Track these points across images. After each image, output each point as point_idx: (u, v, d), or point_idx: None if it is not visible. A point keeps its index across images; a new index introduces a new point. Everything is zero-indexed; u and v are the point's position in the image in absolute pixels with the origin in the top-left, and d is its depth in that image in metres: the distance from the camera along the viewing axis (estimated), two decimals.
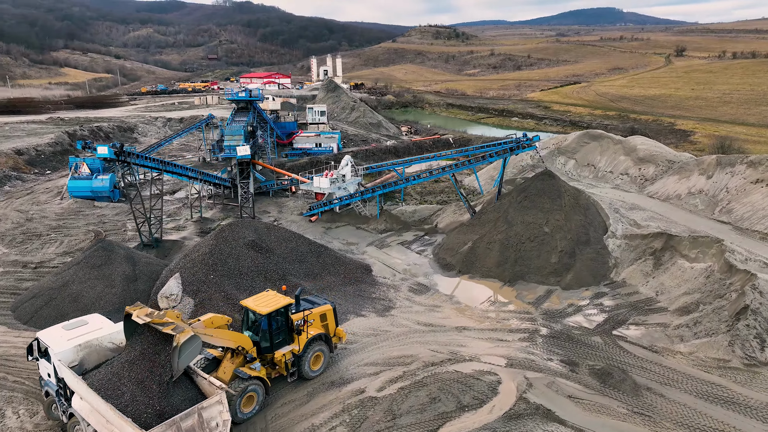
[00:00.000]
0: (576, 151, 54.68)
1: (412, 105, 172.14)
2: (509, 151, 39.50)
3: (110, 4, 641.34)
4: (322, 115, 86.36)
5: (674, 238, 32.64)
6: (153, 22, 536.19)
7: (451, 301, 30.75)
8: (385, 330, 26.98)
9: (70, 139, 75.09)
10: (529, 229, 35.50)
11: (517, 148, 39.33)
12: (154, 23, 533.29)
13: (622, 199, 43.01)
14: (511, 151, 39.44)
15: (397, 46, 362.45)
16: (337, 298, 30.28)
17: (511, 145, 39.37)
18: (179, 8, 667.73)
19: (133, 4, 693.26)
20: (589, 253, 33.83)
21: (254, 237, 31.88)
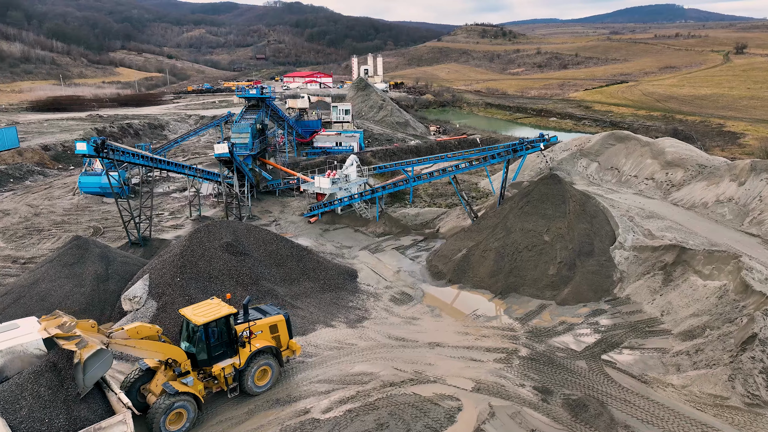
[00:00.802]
0: (600, 154, 51.01)
1: (451, 104, 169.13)
2: (512, 153, 36.77)
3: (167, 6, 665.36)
4: (346, 114, 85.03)
5: (687, 252, 29.27)
6: (206, 23, 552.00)
7: (431, 314, 28.54)
8: (350, 343, 25.11)
9: (98, 135, 76.53)
10: (527, 237, 32.79)
11: (519, 150, 36.57)
12: (207, 24, 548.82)
13: (642, 206, 39.45)
14: (514, 152, 36.71)
15: (442, 45, 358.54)
16: (310, 305, 28.67)
17: (514, 147, 36.62)
18: (231, 9, 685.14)
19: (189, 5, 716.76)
20: (592, 265, 30.84)
21: (231, 239, 30.59)
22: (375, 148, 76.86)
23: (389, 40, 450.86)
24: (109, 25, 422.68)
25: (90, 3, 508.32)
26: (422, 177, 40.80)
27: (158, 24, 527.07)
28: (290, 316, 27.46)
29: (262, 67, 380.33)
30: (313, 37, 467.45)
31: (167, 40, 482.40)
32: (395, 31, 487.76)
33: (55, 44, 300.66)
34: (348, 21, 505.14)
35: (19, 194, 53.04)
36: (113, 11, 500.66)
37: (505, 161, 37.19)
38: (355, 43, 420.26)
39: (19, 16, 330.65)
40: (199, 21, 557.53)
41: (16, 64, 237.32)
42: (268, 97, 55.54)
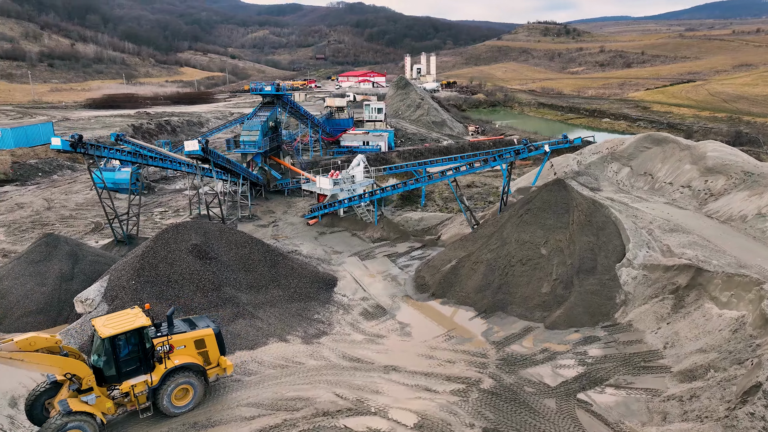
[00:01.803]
0: (633, 157, 46.07)
1: (502, 104, 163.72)
2: (513, 155, 33.25)
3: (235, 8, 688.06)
4: (379, 113, 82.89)
5: (704, 274, 25.03)
6: (270, 24, 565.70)
7: (400, 332, 25.78)
8: (298, 362, 22.82)
9: (134, 132, 78.18)
10: (522, 249, 29.33)
11: (522, 152, 32.99)
12: (271, 25, 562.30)
13: (670, 217, 34.80)
14: (516, 154, 33.18)
15: (501, 44, 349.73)
16: (271, 316, 26.61)
17: (516, 149, 33.08)
18: (296, 10, 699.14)
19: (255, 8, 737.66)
20: (592, 284, 27.05)
21: (200, 241, 29.02)
22: (404, 147, 74.25)
23: (448, 39, 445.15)
24: (179, 27, 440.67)
25: (164, 6, 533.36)
26: (421, 180, 37.84)
27: (225, 25, 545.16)
28: (249, 327, 25.74)
29: (320, 66, 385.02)
30: (373, 36, 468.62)
31: (232, 40, 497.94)
32: (455, 30, 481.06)
33: (126, 45, 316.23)
34: (408, 20, 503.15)
35: (42, 188, 54.26)
36: (184, 14, 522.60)
37: (507, 164, 33.71)
38: (414, 42, 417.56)
39: (97, 20, 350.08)
40: (264, 22, 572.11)
41: (89, 64, 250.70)
42: (284, 93, 54.09)
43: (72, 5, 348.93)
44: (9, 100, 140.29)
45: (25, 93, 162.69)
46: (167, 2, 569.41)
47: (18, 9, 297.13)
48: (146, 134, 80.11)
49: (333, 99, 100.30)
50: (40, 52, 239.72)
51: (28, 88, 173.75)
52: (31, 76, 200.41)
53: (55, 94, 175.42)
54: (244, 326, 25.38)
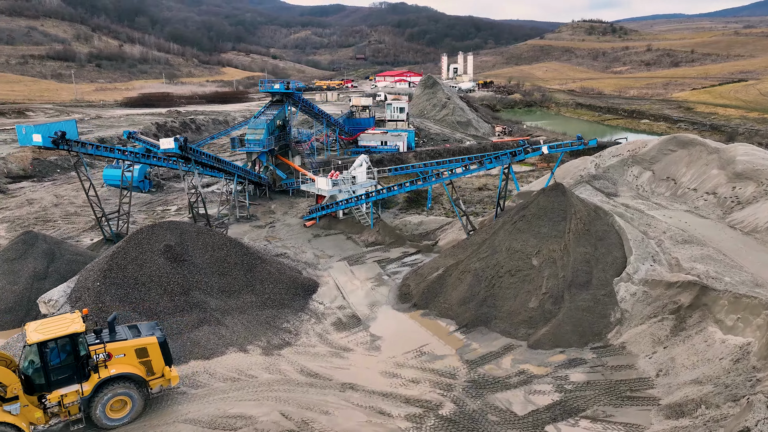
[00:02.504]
0: (656, 161, 42.69)
1: (539, 104, 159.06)
2: (509, 157, 30.91)
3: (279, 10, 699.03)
4: (401, 112, 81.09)
5: (709, 294, 22.27)
6: (312, 25, 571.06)
7: (369, 345, 24.02)
8: (252, 375, 21.40)
9: (157, 130, 79.04)
10: (513, 259, 27.08)
11: (519, 154, 30.62)
12: (314, 26, 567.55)
13: (687, 226, 31.70)
14: (512, 156, 30.85)
15: (543, 43, 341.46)
16: (238, 323, 25.33)
17: (513, 151, 30.73)
18: (338, 11, 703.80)
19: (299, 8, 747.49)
20: (585, 300, 24.58)
21: (174, 242, 28.04)
22: (425, 148, 72.23)
23: (490, 39, 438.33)
24: (223, 28, 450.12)
25: (210, 8, 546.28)
26: (417, 182, 35.87)
27: (269, 26, 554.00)
28: (212, 334, 24.53)
29: (359, 66, 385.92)
30: (413, 36, 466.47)
31: (275, 41, 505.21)
32: (497, 30, 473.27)
33: (171, 46, 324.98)
34: (449, 20, 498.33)
35: (57, 184, 55.01)
36: (230, 15, 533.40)
37: (502, 167, 31.39)
38: (454, 42, 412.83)
39: (145, 22, 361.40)
40: (307, 23, 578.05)
41: (134, 64, 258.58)
42: (293, 92, 53.03)
43: (122, 8, 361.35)
44: (54, 99, 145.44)
45: (70, 92, 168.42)
46: (214, 4, 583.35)
47: (72, 12, 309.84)
48: (169, 132, 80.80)
49: (358, 98, 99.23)
50: (89, 53, 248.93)
51: (75, 88, 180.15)
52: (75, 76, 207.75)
53: (99, 93, 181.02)
54: (206, 333, 24.19)
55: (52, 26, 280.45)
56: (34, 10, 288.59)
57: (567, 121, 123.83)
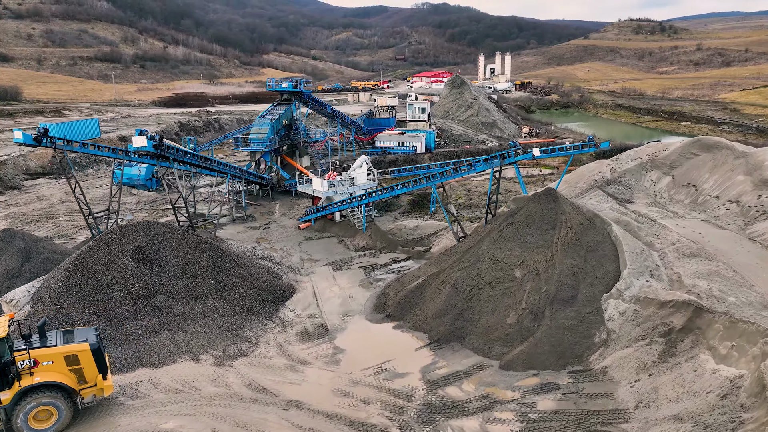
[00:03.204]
0: (676, 165, 39.43)
1: (576, 106, 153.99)
2: (498, 159, 28.73)
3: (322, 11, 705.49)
4: (422, 112, 79.22)
5: (704, 316, 19.72)
6: (354, 26, 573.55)
7: (330, 359, 22.46)
8: (195, 387, 20.20)
9: (179, 129, 79.76)
10: (495, 269, 25.01)
11: (508, 156, 28.39)
12: (355, 27, 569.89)
13: (699, 238, 28.77)
14: (501, 159, 28.65)
15: (587, 43, 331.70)
16: (199, 330, 24.25)
17: (502, 153, 28.55)
18: (380, 12, 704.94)
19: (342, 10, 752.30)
20: (567, 317, 22.31)
21: (146, 242, 27.25)
22: (445, 149, 70.11)
23: (532, 39, 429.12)
24: (266, 30, 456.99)
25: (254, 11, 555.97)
26: (407, 185, 34.02)
27: (311, 28, 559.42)
28: (168, 341, 23.52)
29: (398, 67, 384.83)
30: (454, 37, 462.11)
31: (317, 42, 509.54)
32: (540, 30, 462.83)
33: (214, 47, 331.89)
34: (491, 20, 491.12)
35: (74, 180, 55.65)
36: (273, 17, 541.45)
37: (496, 170, 29.22)
38: (496, 42, 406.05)
39: (190, 24, 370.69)
40: (348, 24, 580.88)
41: (177, 65, 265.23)
42: (301, 91, 52.05)
43: (169, 11, 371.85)
44: (96, 99, 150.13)
45: (113, 92, 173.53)
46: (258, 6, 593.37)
47: (121, 15, 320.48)
48: (192, 131, 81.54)
49: (384, 98, 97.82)
50: (134, 54, 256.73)
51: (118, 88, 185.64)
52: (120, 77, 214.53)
53: (140, 93, 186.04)
54: (163, 340, 23.20)
55: (101, 29, 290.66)
56: (86, 14, 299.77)
57: (603, 123, 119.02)
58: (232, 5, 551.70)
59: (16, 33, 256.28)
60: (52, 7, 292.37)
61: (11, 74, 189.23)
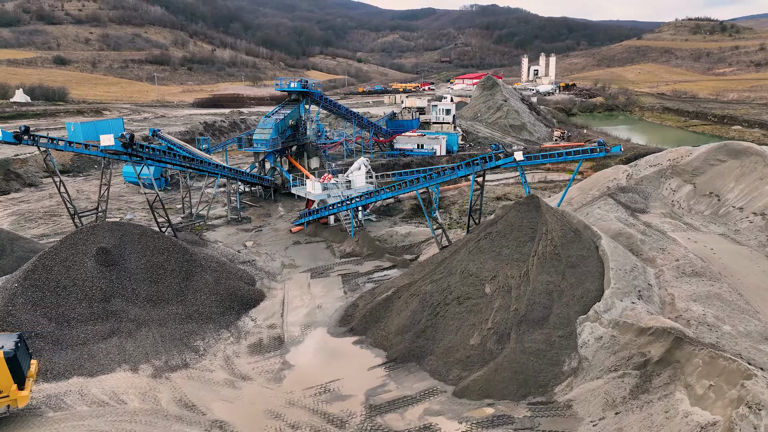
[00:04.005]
0: (699, 172, 35.81)
1: (621, 108, 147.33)
2: (480, 164, 26.40)
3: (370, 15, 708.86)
4: (447, 114, 76.80)
5: (684, 348, 17.03)
6: (401, 29, 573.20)
7: (274, 375, 20.90)
8: (123, 400, 19.06)
9: (204, 129, 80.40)
10: (465, 284, 22.84)
11: (491, 160, 26.01)
12: (402, 29, 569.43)
13: (710, 254, 25.61)
14: (483, 162, 26.31)
15: (640, 44, 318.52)
16: (149, 337, 23.19)
17: (484, 157, 26.20)
18: (428, 15, 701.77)
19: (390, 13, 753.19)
20: (535, 340, 19.93)
21: (112, 244, 26.52)
22: (467, 152, 67.52)
23: (583, 40, 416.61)
24: (313, 33, 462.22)
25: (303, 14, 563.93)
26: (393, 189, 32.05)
27: (358, 30, 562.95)
28: (114, 347, 22.57)
29: (443, 69, 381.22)
30: (501, 38, 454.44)
31: (363, 45, 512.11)
32: (591, 31, 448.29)
33: (261, 50, 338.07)
34: (540, 21, 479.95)
35: (89, 179, 56.62)
36: (321, 20, 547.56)
37: (474, 175, 26.92)
38: (544, 43, 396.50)
39: (238, 27, 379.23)
40: (396, 27, 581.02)
41: (223, 67, 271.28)
42: (309, 91, 50.86)
43: (219, 15, 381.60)
44: (140, 99, 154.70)
45: (160, 93, 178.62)
46: (307, 10, 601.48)
47: (173, 19, 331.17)
48: (217, 131, 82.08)
49: (413, 99, 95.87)
50: (183, 57, 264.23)
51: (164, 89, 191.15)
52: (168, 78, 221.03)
53: (183, 94, 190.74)
54: (109, 346, 22.27)
55: (154, 33, 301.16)
56: (140, 19, 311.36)
57: (647, 127, 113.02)
58: (281, 9, 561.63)
59: (75, 37, 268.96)
60: (109, 12, 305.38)
61: (66, 76, 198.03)
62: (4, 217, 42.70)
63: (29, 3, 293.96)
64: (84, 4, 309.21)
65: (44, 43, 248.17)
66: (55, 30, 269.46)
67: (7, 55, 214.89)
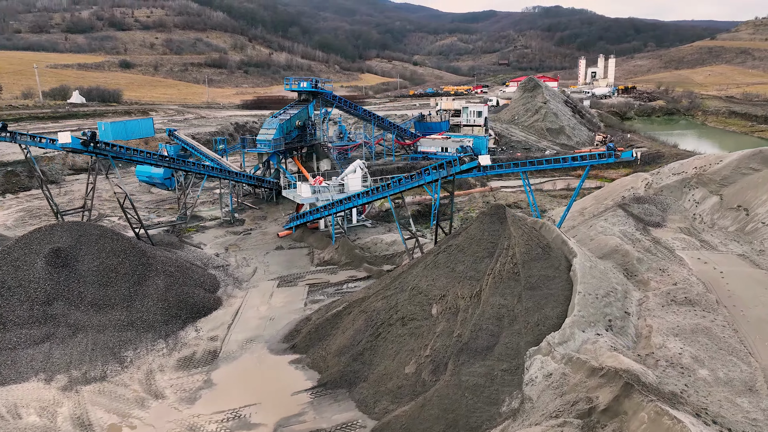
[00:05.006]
0: (728, 183, 31.27)
1: (683, 112, 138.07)
2: (443, 169, 23.60)
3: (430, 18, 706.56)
4: (478, 116, 73.43)
5: (633, 398, 13.84)
6: (460, 32, 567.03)
7: (191, 395, 19.10)
8: (18, 415, 17.97)
9: (234, 129, 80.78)
10: (412, 302, 20.28)
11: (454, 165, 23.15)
12: (461, 32, 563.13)
13: (717, 278, 21.77)
14: (448, 166, 23.50)
15: (713, 44, 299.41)
16: (84, 343, 22.11)
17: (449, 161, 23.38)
18: (489, 17, 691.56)
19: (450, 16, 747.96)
20: (474, 374, 17.12)
21: (67, 244, 25.73)
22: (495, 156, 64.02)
23: (651, 41, 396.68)
24: (370, 36, 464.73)
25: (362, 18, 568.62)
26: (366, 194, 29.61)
27: (416, 34, 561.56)
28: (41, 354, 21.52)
29: (500, 72, 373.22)
30: (563, 40, 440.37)
31: (421, 48, 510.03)
32: (660, 31, 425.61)
33: (317, 54, 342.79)
34: (605, 22, 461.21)
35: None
36: (380, 24, 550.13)
37: (438, 182, 24.14)
38: (609, 45, 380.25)
39: (296, 32, 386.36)
40: (454, 29, 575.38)
41: (278, 71, 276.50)
42: (320, 91, 49.29)
43: (278, 20, 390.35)
44: (192, 101, 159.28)
45: (212, 95, 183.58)
46: (366, 14, 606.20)
47: (234, 24, 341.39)
48: (248, 132, 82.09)
49: (450, 101, 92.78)
50: (240, 60, 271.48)
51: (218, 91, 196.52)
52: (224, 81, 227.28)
53: (236, 96, 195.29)
54: (36, 352, 21.29)
55: (215, 37, 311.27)
56: (203, 24, 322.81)
57: (708, 132, 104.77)
58: (341, 14, 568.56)
59: (141, 42, 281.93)
60: (174, 18, 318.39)
61: (129, 78, 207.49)
62: (12, 214, 43.54)
63: (103, 11, 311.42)
64: (152, 10, 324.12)
65: (113, 48, 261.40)
66: (123, 36, 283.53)
67: (78, 60, 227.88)
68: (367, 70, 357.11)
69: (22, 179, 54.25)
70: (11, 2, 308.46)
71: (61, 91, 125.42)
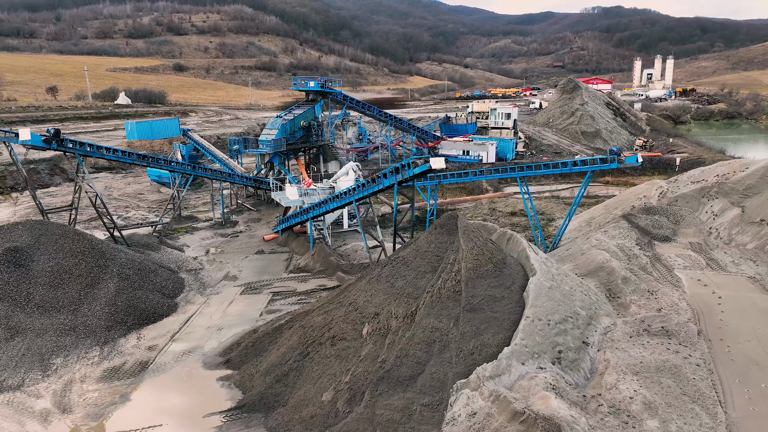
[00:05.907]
0: (752, 193, 27.28)
1: (746, 116, 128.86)
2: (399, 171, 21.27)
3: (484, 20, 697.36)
4: (507, 119, 70.13)
5: None
6: (515, 33, 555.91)
7: (98, 411, 17.71)
8: None
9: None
10: (346, 319, 18.20)
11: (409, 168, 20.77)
12: (516, 34, 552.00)
13: (713, 305, 18.54)
14: (402, 169, 21.15)
15: None
16: (15, 348, 21.23)
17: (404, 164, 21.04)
18: (546, 19, 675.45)
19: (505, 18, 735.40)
20: (391, 407, 14.86)
21: (26, 243, 25.16)
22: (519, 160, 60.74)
23: (719, 41, 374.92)
24: (421, 39, 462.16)
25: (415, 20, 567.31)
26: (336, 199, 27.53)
27: (469, 36, 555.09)
28: None
29: (554, 74, 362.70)
30: (622, 41, 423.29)
31: (473, 50, 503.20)
32: (729, 31, 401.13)
33: (366, 56, 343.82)
34: (668, 22, 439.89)
35: (127, 177, 58.16)
36: (433, 26, 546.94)
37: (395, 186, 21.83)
38: (671, 45, 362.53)
39: (347, 35, 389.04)
40: (509, 32, 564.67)
41: (326, 73, 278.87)
42: (328, 90, 47.78)
43: (330, 23, 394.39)
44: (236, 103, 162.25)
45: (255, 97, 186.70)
46: (420, 17, 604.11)
47: (286, 28, 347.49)
48: None
49: (482, 103, 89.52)
50: (290, 63, 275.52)
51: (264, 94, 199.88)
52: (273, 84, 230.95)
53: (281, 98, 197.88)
54: None
55: (267, 41, 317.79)
56: (256, 28, 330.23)
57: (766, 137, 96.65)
58: (394, 17, 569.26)
59: (196, 46, 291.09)
60: (228, 23, 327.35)
61: (181, 81, 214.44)
62: (20, 210, 44.26)
63: (162, 17, 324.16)
64: (208, 15, 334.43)
65: (169, 51, 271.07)
66: (180, 40, 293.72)
67: (135, 63, 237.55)
68: (416, 72, 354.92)
69: (43, 177, 55.74)
70: (81, 10, 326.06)
71: (110, 92, 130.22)
